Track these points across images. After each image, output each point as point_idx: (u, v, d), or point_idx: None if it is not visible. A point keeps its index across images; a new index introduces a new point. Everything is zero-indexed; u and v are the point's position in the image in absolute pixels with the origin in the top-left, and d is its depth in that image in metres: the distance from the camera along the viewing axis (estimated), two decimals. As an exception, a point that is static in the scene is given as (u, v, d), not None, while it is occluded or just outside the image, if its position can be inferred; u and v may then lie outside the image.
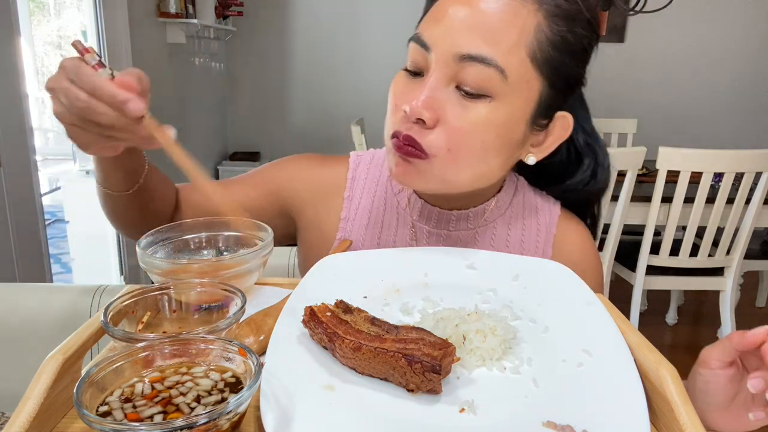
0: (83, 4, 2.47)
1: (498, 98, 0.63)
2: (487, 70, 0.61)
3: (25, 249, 1.89)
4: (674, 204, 2.30)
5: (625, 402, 0.43)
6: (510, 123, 0.65)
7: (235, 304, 0.49)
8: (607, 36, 3.95)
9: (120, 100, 0.53)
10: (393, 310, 0.57)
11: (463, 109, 0.63)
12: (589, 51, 0.70)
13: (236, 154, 4.15)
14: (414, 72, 0.67)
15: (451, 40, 0.62)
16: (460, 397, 0.45)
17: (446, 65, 0.63)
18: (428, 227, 0.78)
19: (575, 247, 0.80)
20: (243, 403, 0.36)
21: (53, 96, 0.56)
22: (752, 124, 4.04)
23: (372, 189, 0.82)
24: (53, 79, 0.55)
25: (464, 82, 0.62)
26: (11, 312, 0.93)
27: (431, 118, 0.63)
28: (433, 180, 0.67)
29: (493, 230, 0.78)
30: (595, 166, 0.80)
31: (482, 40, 0.61)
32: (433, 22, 0.64)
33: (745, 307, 3.10)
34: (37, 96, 5.54)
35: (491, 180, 0.71)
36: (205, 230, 0.67)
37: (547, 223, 0.80)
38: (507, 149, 0.67)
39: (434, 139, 0.63)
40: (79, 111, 0.54)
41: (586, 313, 0.55)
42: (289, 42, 4.07)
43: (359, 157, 0.84)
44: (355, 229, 0.81)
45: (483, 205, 0.77)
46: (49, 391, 0.41)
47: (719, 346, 0.52)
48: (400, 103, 0.66)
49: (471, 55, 0.61)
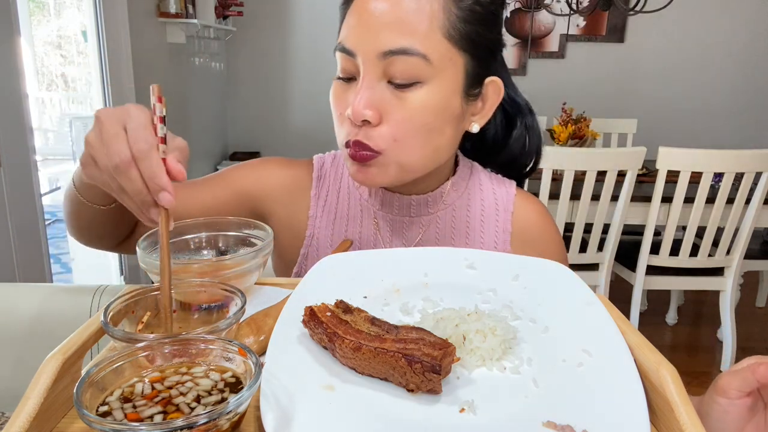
0: (83, 4, 2.47)
1: (428, 82, 0.68)
2: (411, 59, 0.66)
3: (25, 249, 1.89)
4: (674, 204, 2.30)
5: (625, 402, 0.43)
6: (445, 101, 0.69)
7: (235, 304, 0.49)
8: (607, 36, 3.95)
9: (158, 184, 0.50)
10: (393, 310, 0.57)
11: (400, 100, 0.68)
12: (498, 15, 0.74)
13: (236, 154, 4.15)
14: (347, 78, 0.71)
15: (372, 41, 0.67)
16: (460, 397, 0.45)
17: (373, 65, 0.67)
18: (390, 215, 0.82)
19: (533, 223, 0.84)
20: (243, 403, 0.36)
21: (96, 125, 0.52)
22: (752, 124, 4.04)
23: (336, 185, 0.85)
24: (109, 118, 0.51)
25: (394, 76, 0.67)
26: (11, 312, 0.93)
27: (374, 116, 0.67)
28: (392, 171, 0.71)
29: (453, 212, 0.82)
30: (526, 122, 0.85)
31: (399, 33, 0.66)
32: (351, 29, 0.69)
33: (745, 307, 3.10)
34: (37, 96, 5.55)
35: (445, 156, 0.75)
36: (205, 230, 0.67)
37: (505, 202, 0.84)
38: (450, 124, 0.72)
39: (381, 134, 0.68)
40: (113, 165, 0.50)
41: (586, 313, 0.55)
42: (289, 42, 4.07)
43: (322, 158, 0.88)
44: (323, 226, 0.84)
45: (440, 188, 0.81)
46: (49, 391, 0.41)
47: (740, 378, 0.50)
48: (342, 110, 0.71)
49: (392, 50, 0.66)
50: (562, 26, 3.94)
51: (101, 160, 0.52)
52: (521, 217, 0.83)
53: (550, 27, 3.96)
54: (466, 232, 0.82)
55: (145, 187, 0.50)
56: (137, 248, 0.59)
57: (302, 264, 0.85)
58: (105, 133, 0.51)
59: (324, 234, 0.84)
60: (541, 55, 4.01)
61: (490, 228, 0.82)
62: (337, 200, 0.85)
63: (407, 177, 0.73)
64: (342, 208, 0.84)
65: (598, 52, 4.00)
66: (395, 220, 0.82)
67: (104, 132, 0.51)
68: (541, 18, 3.93)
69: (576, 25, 3.93)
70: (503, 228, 0.82)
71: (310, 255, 0.84)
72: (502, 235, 0.82)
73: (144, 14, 2.75)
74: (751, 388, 0.50)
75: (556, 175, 2.36)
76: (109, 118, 0.52)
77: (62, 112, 5.84)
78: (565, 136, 2.76)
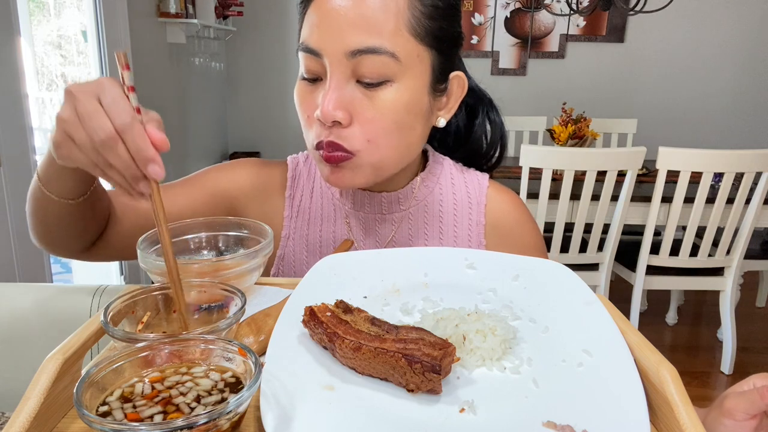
0: (83, 4, 2.47)
1: (397, 80, 0.67)
2: (380, 58, 0.65)
3: (25, 249, 1.89)
4: (674, 204, 2.30)
5: (625, 402, 0.43)
6: (414, 98, 0.69)
7: (235, 304, 0.49)
8: (607, 36, 3.95)
9: (146, 156, 0.49)
10: (393, 310, 0.57)
11: (370, 99, 0.67)
12: (458, 8, 0.74)
13: (236, 154, 4.15)
14: (312, 79, 0.70)
15: (338, 41, 0.65)
16: (460, 397, 0.45)
17: (341, 64, 0.66)
18: (362, 213, 0.81)
19: (507, 214, 0.83)
20: (243, 403, 0.36)
21: (68, 100, 0.50)
22: (752, 124, 4.04)
23: (310, 186, 0.85)
24: (83, 92, 0.49)
25: (363, 75, 0.66)
26: (11, 312, 0.93)
27: (345, 117, 0.67)
28: (366, 172, 0.71)
29: (425, 207, 0.82)
30: (488, 114, 0.87)
31: (365, 32, 0.65)
32: (314, 28, 0.67)
33: (745, 307, 3.10)
34: (37, 96, 5.54)
35: (416, 152, 0.76)
36: (205, 230, 0.67)
37: (477, 194, 0.83)
38: (419, 121, 0.72)
39: (353, 135, 0.68)
40: (98, 141, 0.49)
41: (586, 313, 0.55)
42: (289, 42, 4.07)
43: (296, 158, 0.88)
44: (298, 226, 0.84)
45: (410, 184, 0.81)
46: (49, 391, 0.41)
47: (748, 400, 0.51)
48: (309, 112, 0.70)
49: (360, 49, 0.65)
50: (562, 26, 3.94)
51: (79, 137, 0.50)
52: (494, 208, 0.83)
53: (550, 27, 3.95)
54: (439, 227, 0.82)
55: (133, 161, 0.49)
56: (137, 248, 0.58)
57: (279, 265, 0.84)
58: (82, 108, 0.49)
59: (299, 235, 0.83)
60: (541, 55, 4.01)
61: (464, 221, 0.82)
62: (311, 201, 0.84)
63: (380, 177, 0.73)
64: (315, 209, 0.84)
65: (598, 52, 4.00)
66: (367, 218, 0.81)
67: (80, 107, 0.49)
68: (541, 18, 3.93)
69: (576, 25, 3.93)
70: (477, 221, 0.82)
71: (287, 256, 0.84)
72: (475, 228, 0.82)
73: (144, 14, 2.75)
74: (757, 411, 0.51)
75: (556, 175, 2.36)
76: (82, 92, 0.49)
77: (62, 112, 5.83)
78: (565, 136, 2.76)
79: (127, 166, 0.50)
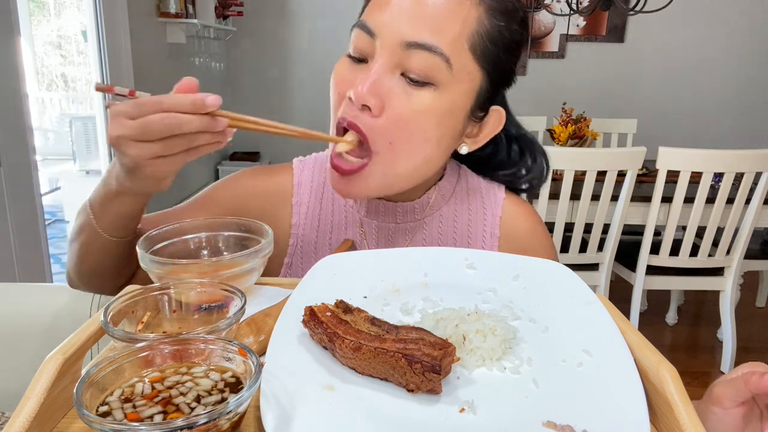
0: (83, 4, 2.47)
1: (441, 87, 0.65)
2: (433, 58, 0.63)
3: (25, 249, 1.89)
4: (674, 204, 2.30)
5: (625, 402, 0.43)
6: (451, 113, 0.67)
7: (235, 304, 0.49)
8: (607, 36, 3.95)
9: (195, 100, 0.55)
10: (393, 310, 0.57)
11: (408, 96, 0.65)
12: (520, 48, 0.71)
13: (236, 154, 4.15)
14: (358, 59, 0.68)
15: (398, 28, 0.63)
16: (460, 397, 0.45)
17: (392, 52, 0.64)
18: (376, 222, 0.80)
19: (522, 227, 0.81)
20: (243, 403, 0.36)
21: (119, 146, 0.55)
22: (752, 124, 4.04)
23: (319, 191, 0.83)
24: (115, 129, 0.55)
25: (410, 70, 0.64)
26: (11, 312, 0.93)
27: (377, 106, 0.64)
28: (376, 183, 0.69)
29: (440, 217, 0.80)
30: (534, 156, 0.83)
31: (428, 28, 0.63)
32: (379, 10, 0.65)
33: (745, 307, 3.10)
34: (37, 96, 5.55)
35: (431, 170, 0.73)
36: (205, 230, 0.67)
37: (493, 206, 0.81)
38: (446, 139, 0.69)
39: (378, 127, 0.65)
40: (167, 130, 0.54)
41: (586, 313, 0.54)
42: (289, 42, 4.07)
43: (302, 162, 0.85)
44: (306, 233, 0.81)
45: (426, 194, 0.79)
46: (49, 391, 0.41)
47: (734, 388, 0.51)
48: (344, 91, 0.67)
49: (418, 42, 0.63)
50: (562, 26, 3.94)
51: (156, 149, 0.55)
52: (509, 221, 0.81)
53: (550, 27, 3.96)
54: (453, 238, 0.80)
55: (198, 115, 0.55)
56: (137, 248, 0.58)
57: (286, 273, 0.83)
58: (132, 133, 0.54)
59: (308, 242, 0.81)
60: (541, 55, 4.01)
61: (478, 233, 0.80)
62: (320, 207, 0.82)
63: (389, 190, 0.71)
64: (325, 215, 0.81)
65: (598, 52, 4.00)
66: (381, 227, 0.79)
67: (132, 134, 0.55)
68: (541, 18, 3.93)
69: (576, 25, 3.93)
70: (491, 233, 0.80)
71: (294, 264, 0.82)
72: (489, 240, 0.80)
73: (144, 14, 2.75)
74: (744, 398, 0.51)
75: (556, 175, 2.36)
76: (119, 130, 0.55)
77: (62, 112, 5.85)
78: (565, 136, 2.76)
79: (200, 121, 0.55)
